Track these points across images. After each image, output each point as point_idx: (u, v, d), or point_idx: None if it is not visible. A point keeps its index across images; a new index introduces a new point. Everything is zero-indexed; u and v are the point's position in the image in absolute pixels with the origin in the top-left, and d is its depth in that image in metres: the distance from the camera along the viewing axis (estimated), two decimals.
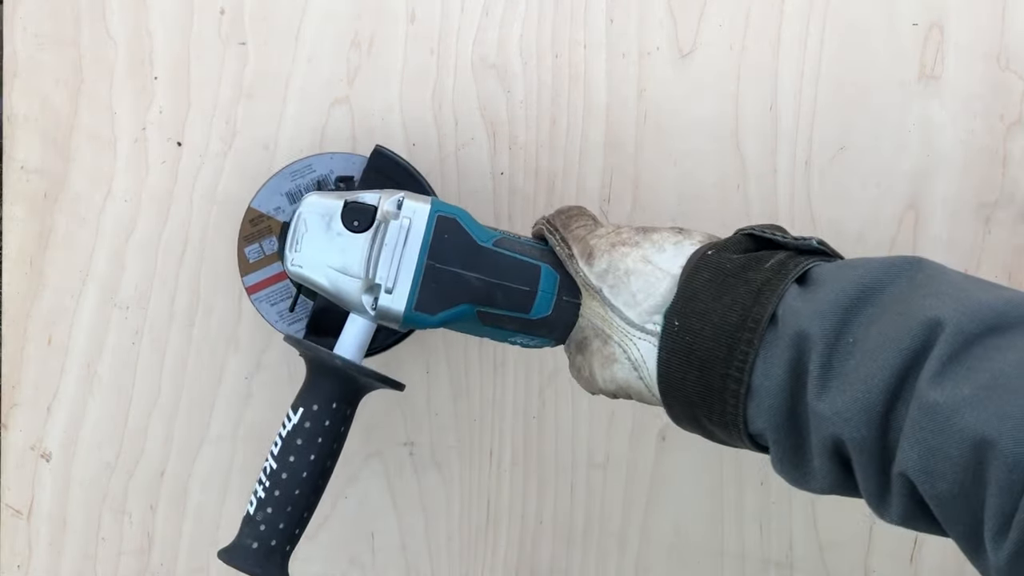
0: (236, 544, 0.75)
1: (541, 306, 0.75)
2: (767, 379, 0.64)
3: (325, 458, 0.75)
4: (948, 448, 0.58)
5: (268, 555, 0.74)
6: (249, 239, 0.86)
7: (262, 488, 0.75)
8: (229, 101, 0.89)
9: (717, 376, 0.66)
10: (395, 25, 0.88)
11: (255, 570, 0.74)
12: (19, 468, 0.91)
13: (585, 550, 0.91)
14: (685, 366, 0.67)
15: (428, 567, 0.92)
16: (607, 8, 0.88)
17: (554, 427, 0.91)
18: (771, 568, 0.91)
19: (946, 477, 0.58)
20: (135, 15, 0.88)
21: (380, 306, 0.74)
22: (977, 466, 0.57)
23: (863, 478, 0.62)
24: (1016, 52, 0.87)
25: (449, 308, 0.74)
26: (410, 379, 0.90)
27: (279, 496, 0.74)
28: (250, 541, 0.74)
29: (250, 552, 0.74)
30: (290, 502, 0.74)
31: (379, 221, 0.74)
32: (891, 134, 0.88)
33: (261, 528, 0.74)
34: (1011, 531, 0.56)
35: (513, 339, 0.77)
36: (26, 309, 0.90)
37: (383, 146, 0.85)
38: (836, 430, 0.61)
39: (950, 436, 0.58)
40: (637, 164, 0.88)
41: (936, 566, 0.90)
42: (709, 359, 0.66)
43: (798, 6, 0.87)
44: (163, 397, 0.91)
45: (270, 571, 0.74)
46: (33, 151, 0.89)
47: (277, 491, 0.74)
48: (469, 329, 0.77)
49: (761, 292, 0.65)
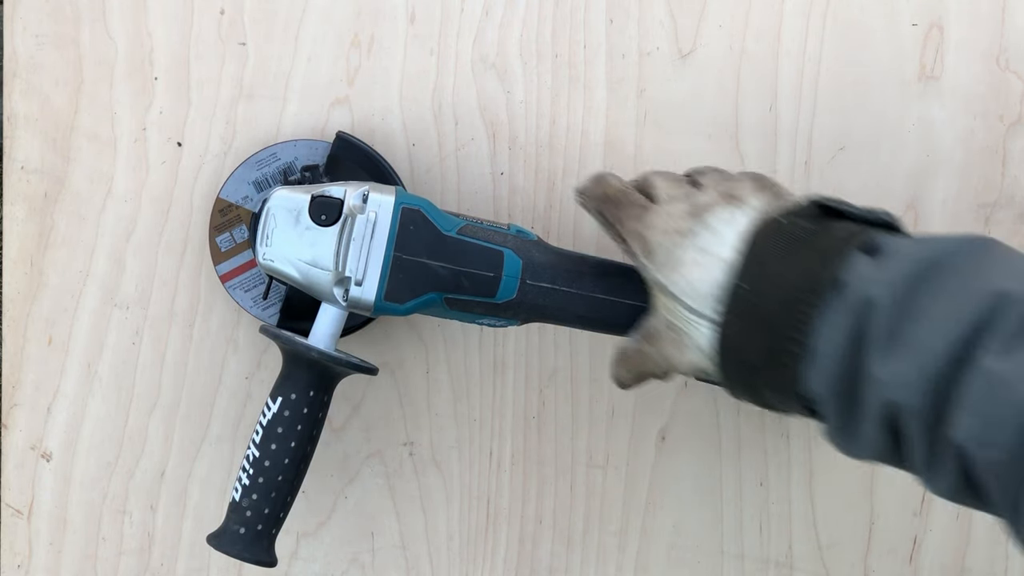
0: (224, 529, 0.79)
1: (506, 290, 0.78)
2: (827, 343, 0.65)
3: (305, 444, 0.79)
4: (1008, 417, 0.58)
5: (255, 539, 0.78)
6: (220, 229, 0.87)
7: (246, 475, 0.78)
8: (229, 101, 0.89)
9: (779, 337, 0.66)
10: (395, 25, 0.88)
11: (244, 554, 0.78)
12: (19, 468, 0.91)
13: (585, 550, 0.91)
14: (748, 328, 0.68)
15: (428, 567, 0.92)
16: (607, 8, 0.88)
17: (554, 427, 0.91)
18: (771, 568, 0.91)
19: (1001, 446, 0.58)
20: (135, 15, 0.88)
21: (351, 297, 0.77)
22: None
23: (916, 447, 0.63)
24: (1016, 52, 0.87)
25: (417, 297, 0.78)
26: (410, 379, 0.90)
27: (263, 483, 0.78)
28: (237, 527, 0.78)
29: (238, 537, 0.78)
30: (273, 488, 0.78)
31: (346, 215, 0.77)
32: (891, 134, 0.88)
33: (247, 514, 0.78)
34: None
35: (480, 321, 0.80)
36: (26, 309, 0.90)
37: (345, 132, 0.86)
38: (893, 395, 0.62)
39: (1012, 406, 0.58)
40: (637, 164, 0.88)
41: (936, 566, 0.90)
42: (773, 320, 0.67)
43: (798, 6, 0.87)
44: (163, 397, 0.91)
45: (258, 555, 0.78)
46: (33, 151, 0.89)
47: (260, 478, 0.78)
48: (437, 313, 0.80)
49: (828, 258, 0.66)
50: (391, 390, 0.90)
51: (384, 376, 0.90)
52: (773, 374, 0.68)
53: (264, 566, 0.79)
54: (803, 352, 0.66)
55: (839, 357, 0.64)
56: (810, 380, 0.66)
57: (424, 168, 0.88)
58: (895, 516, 0.90)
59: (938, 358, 0.61)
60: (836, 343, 0.65)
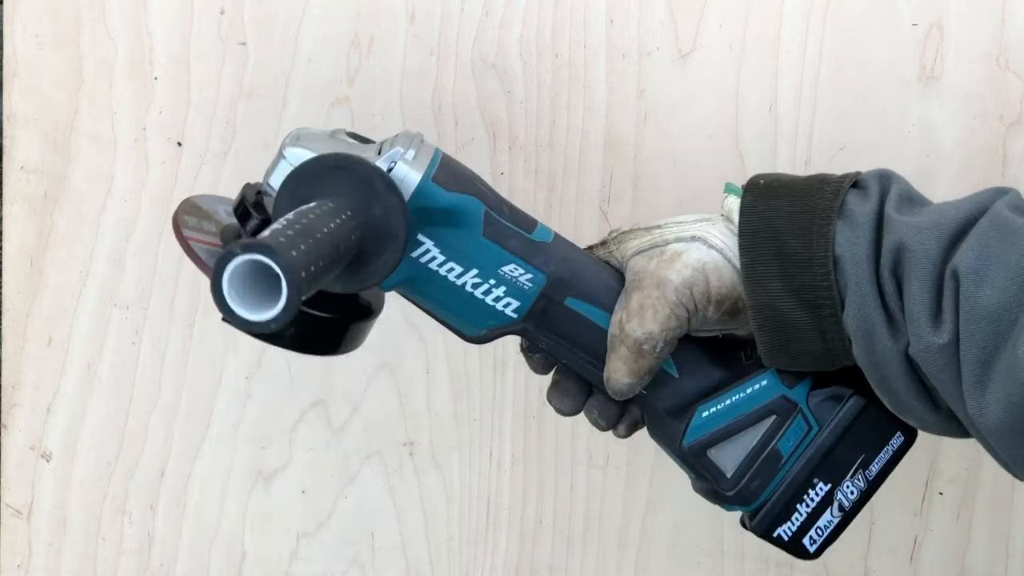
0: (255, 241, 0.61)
1: (544, 233, 0.73)
2: (860, 205, 0.69)
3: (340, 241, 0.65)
4: (1007, 254, 0.63)
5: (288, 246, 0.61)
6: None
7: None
8: (229, 101, 0.89)
9: (811, 199, 0.70)
10: (395, 25, 0.88)
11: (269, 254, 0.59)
12: (19, 468, 0.91)
13: (585, 550, 0.91)
14: (775, 197, 0.71)
15: (428, 567, 0.92)
16: (607, 8, 0.88)
17: (554, 427, 0.91)
18: (771, 568, 0.91)
19: (994, 283, 0.63)
20: (135, 15, 0.88)
21: (397, 169, 0.69)
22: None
23: (919, 290, 0.66)
24: (1016, 52, 0.87)
25: (462, 193, 0.71)
26: (410, 379, 0.90)
27: (302, 228, 0.62)
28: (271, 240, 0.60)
29: (271, 244, 0.60)
30: (312, 237, 0.63)
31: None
32: (891, 134, 0.88)
33: (282, 240, 0.61)
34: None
35: (504, 269, 0.72)
36: (26, 309, 0.90)
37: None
38: (905, 237, 0.67)
39: (1013, 245, 0.63)
40: (637, 164, 0.88)
41: (936, 566, 0.90)
42: (802, 189, 0.71)
43: (798, 6, 0.87)
44: (163, 397, 0.91)
45: (286, 260, 0.59)
46: (33, 151, 0.89)
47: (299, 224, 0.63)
48: (462, 246, 0.72)
49: (833, 174, 0.72)
50: (391, 390, 0.90)
51: (384, 376, 0.90)
52: (804, 232, 0.69)
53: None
54: (838, 205, 0.69)
55: (871, 217, 0.69)
56: (841, 238, 0.69)
57: None
58: (895, 516, 0.90)
59: (950, 217, 0.67)
60: (870, 206, 0.69)
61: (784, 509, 0.75)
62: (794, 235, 0.70)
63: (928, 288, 0.66)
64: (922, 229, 0.66)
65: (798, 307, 0.70)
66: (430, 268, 0.71)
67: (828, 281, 0.69)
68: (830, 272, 0.69)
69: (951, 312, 0.65)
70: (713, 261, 0.71)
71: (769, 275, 0.70)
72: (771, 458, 0.74)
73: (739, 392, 0.74)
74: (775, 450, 0.74)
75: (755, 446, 0.74)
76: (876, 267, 0.68)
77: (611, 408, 0.76)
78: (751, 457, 0.74)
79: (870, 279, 0.68)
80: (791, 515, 0.75)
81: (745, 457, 0.74)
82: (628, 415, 0.77)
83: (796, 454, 0.74)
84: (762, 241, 0.70)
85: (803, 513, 0.75)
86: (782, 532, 0.75)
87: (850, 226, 0.69)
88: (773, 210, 0.71)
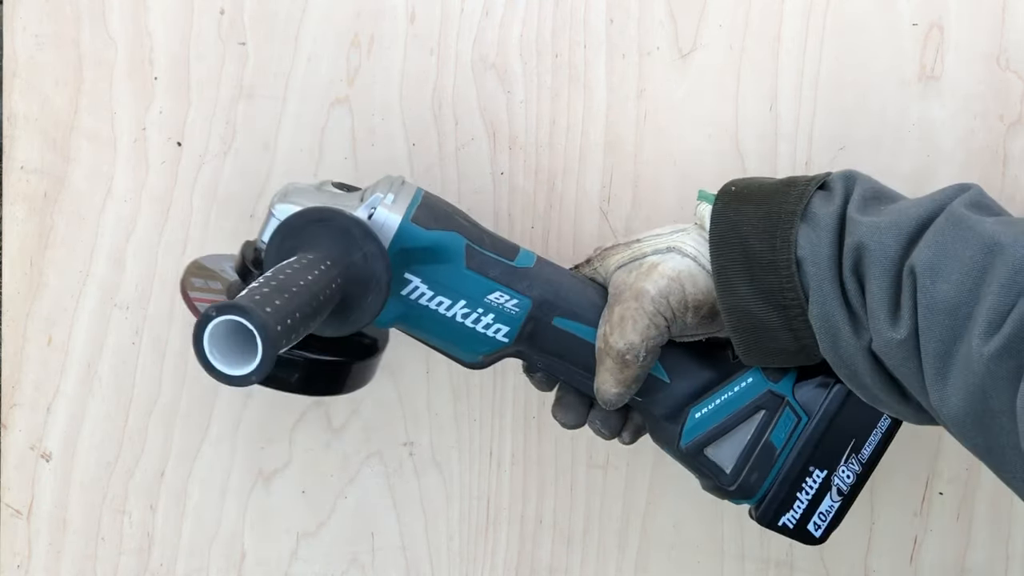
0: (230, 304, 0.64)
1: (526, 258, 0.77)
2: (823, 207, 0.72)
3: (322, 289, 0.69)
4: (962, 250, 0.66)
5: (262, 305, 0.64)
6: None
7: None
8: (229, 101, 0.89)
9: (776, 204, 0.73)
10: (395, 25, 0.88)
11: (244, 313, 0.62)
12: (19, 468, 0.91)
13: (585, 550, 0.91)
14: (743, 204, 0.74)
15: (428, 567, 0.92)
16: (607, 8, 0.88)
17: (554, 427, 0.90)
18: (771, 568, 0.91)
19: (949, 278, 0.65)
20: (135, 15, 0.88)
21: (377, 213, 0.74)
22: (982, 269, 0.64)
23: (878, 287, 0.68)
24: (1016, 52, 0.87)
25: (443, 230, 0.75)
26: (410, 379, 0.90)
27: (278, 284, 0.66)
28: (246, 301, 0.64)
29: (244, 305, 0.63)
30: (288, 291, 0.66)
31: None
32: (891, 134, 0.88)
33: (257, 298, 0.64)
34: (1004, 326, 0.62)
35: (490, 297, 0.76)
36: (26, 309, 0.90)
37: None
38: (865, 236, 0.69)
39: (967, 240, 0.66)
40: (637, 164, 0.88)
41: (936, 566, 0.90)
42: (769, 195, 0.74)
43: (798, 6, 0.87)
44: (163, 397, 0.91)
45: (258, 319, 0.62)
46: (33, 151, 0.89)
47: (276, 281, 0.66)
48: (447, 280, 0.75)
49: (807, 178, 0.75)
50: (391, 390, 0.90)
51: (384, 376, 0.90)
52: (768, 238, 0.72)
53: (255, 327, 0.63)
54: (802, 210, 0.72)
55: (834, 218, 0.71)
56: (804, 241, 0.71)
57: (424, 168, 0.88)
58: (895, 516, 0.90)
59: (910, 217, 0.69)
60: (834, 207, 0.71)
61: (785, 498, 0.78)
62: (759, 239, 0.72)
63: (887, 286, 0.68)
64: (882, 229, 0.69)
65: (768, 308, 0.73)
66: (420, 304, 0.75)
67: (792, 283, 0.71)
68: (793, 274, 0.71)
69: (909, 308, 0.67)
70: (688, 269, 0.75)
71: (738, 279, 0.73)
72: (766, 451, 0.77)
73: (727, 391, 0.77)
74: (769, 443, 0.77)
75: (749, 441, 0.77)
76: (838, 267, 0.70)
77: (612, 418, 0.80)
78: (747, 452, 0.78)
79: (831, 279, 0.70)
80: (792, 503, 0.78)
81: (741, 452, 0.78)
82: (630, 423, 0.80)
83: (789, 445, 0.77)
84: (731, 246, 0.73)
85: (804, 501, 0.78)
86: (786, 521, 0.78)
87: (813, 228, 0.71)
88: (741, 215, 0.73)
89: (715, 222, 0.74)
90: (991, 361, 0.62)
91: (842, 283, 0.70)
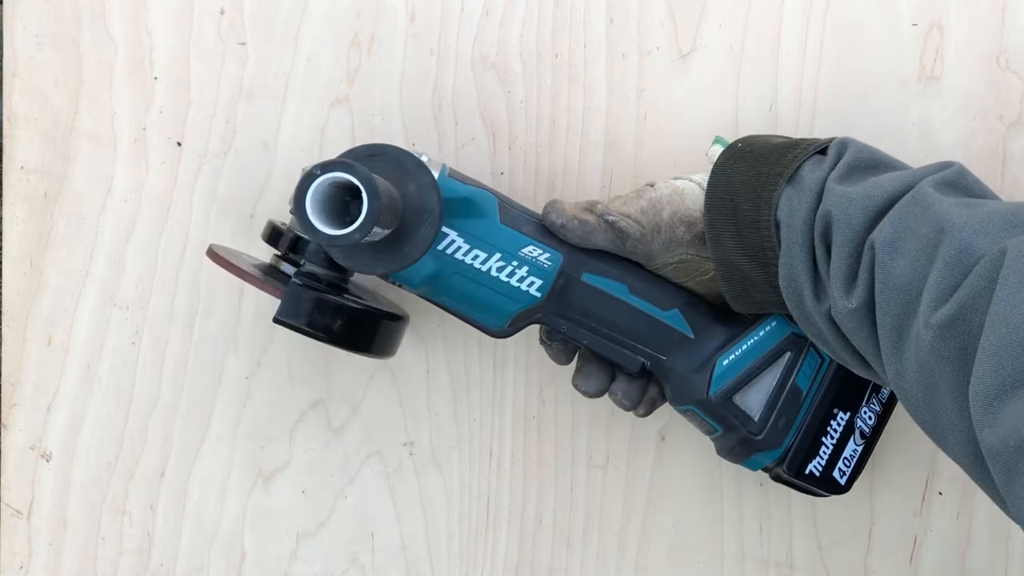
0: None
1: None
2: (811, 173, 0.73)
3: None
4: (919, 227, 0.67)
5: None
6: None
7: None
8: (229, 101, 0.89)
9: (767, 167, 0.75)
10: (395, 25, 0.88)
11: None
12: (19, 468, 0.91)
13: (585, 550, 0.91)
14: (738, 163, 0.76)
15: (428, 567, 0.92)
16: (607, 8, 0.88)
17: (554, 427, 0.91)
18: (771, 568, 0.91)
19: (906, 254, 0.67)
20: (135, 15, 0.88)
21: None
22: (934, 247, 0.65)
23: (838, 257, 0.70)
24: (1016, 52, 0.87)
25: (478, 187, 0.78)
26: (410, 379, 0.90)
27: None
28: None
29: (348, 162, 0.70)
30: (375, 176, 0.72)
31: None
32: (891, 134, 0.88)
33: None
34: (945, 306, 0.63)
35: (524, 250, 0.78)
36: (26, 309, 0.90)
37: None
38: (834, 205, 0.70)
39: (925, 218, 0.67)
40: (637, 164, 0.88)
41: (936, 566, 0.90)
42: (763, 157, 0.76)
43: (798, 6, 0.87)
44: (163, 397, 0.91)
45: (363, 172, 0.69)
46: (33, 151, 0.89)
47: None
48: (483, 234, 0.77)
49: (807, 140, 0.77)
50: (391, 390, 0.90)
51: (384, 376, 0.90)
52: (754, 195, 0.74)
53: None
54: (790, 173, 0.74)
55: (818, 186, 0.73)
56: (786, 204, 0.73)
57: None
58: (895, 516, 0.90)
59: (881, 191, 0.70)
60: (820, 174, 0.73)
61: (812, 443, 0.80)
62: (747, 199, 0.75)
63: (847, 255, 0.70)
64: (852, 200, 0.70)
65: (751, 263, 0.75)
66: (456, 258, 0.77)
67: (771, 242, 0.74)
68: (772, 234, 0.74)
69: (865, 280, 0.68)
70: (692, 189, 0.78)
71: (726, 233, 0.76)
72: (792, 394, 0.79)
73: (752, 337, 0.80)
74: (795, 386, 0.79)
75: (776, 384, 0.80)
76: (811, 232, 0.72)
77: (633, 388, 0.82)
78: (774, 395, 0.80)
79: (801, 244, 0.72)
80: (819, 449, 0.80)
81: (769, 396, 0.80)
82: (648, 395, 0.83)
83: (814, 387, 0.80)
84: (722, 201, 0.76)
85: (829, 446, 0.80)
86: (813, 468, 0.81)
87: (797, 192, 0.73)
88: (735, 173, 0.76)
89: (712, 177, 0.77)
90: (935, 339, 0.63)
91: (812, 249, 0.72)
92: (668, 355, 0.80)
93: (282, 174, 0.89)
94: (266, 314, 0.89)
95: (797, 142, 0.77)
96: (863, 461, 0.82)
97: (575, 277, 0.79)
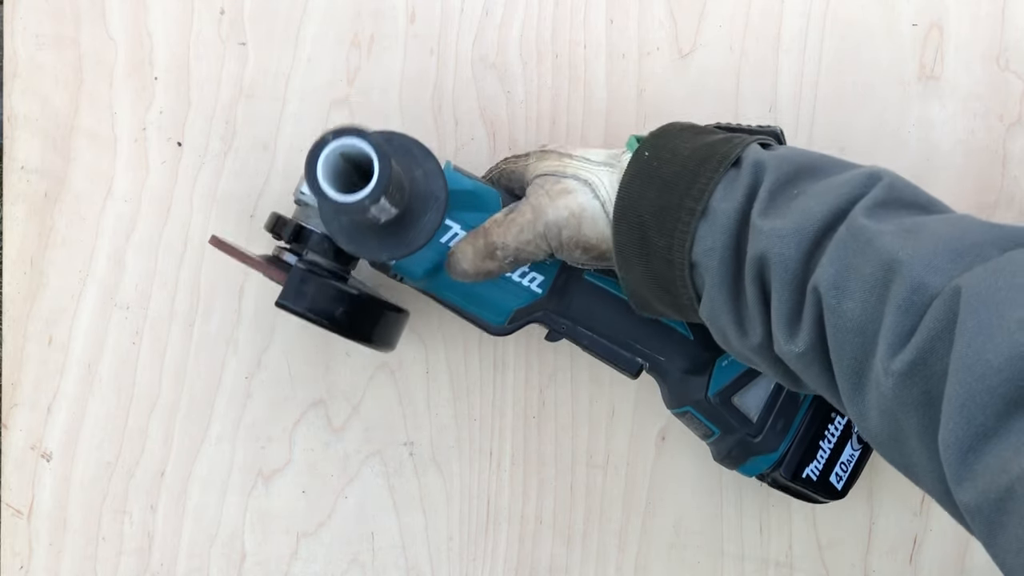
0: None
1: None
2: (724, 202, 0.69)
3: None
4: (863, 266, 0.63)
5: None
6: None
7: None
8: (229, 101, 0.89)
9: (677, 195, 0.71)
10: (395, 25, 0.88)
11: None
12: (19, 468, 0.91)
13: (585, 550, 0.91)
14: (647, 186, 0.72)
15: (428, 567, 0.92)
16: (607, 8, 0.88)
17: (554, 427, 0.91)
18: (771, 568, 0.91)
19: (854, 296, 0.63)
20: (135, 15, 0.88)
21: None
22: (883, 287, 0.62)
23: (778, 300, 0.67)
24: (1016, 52, 0.87)
25: (481, 182, 0.78)
26: (410, 379, 0.90)
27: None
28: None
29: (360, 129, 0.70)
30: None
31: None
32: (891, 134, 0.88)
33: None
34: (904, 351, 0.60)
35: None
36: (26, 309, 0.90)
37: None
38: (767, 247, 0.67)
39: (867, 256, 0.63)
40: None
41: (936, 566, 0.90)
42: (672, 181, 0.71)
43: (798, 6, 0.87)
44: (163, 397, 0.91)
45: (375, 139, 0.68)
46: (33, 151, 0.89)
47: None
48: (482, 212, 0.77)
49: (731, 140, 0.72)
50: (391, 390, 0.90)
51: (384, 376, 0.90)
52: (666, 228, 0.71)
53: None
54: (701, 208, 0.70)
55: (733, 216, 0.69)
56: (703, 237, 0.70)
57: None
58: (895, 516, 0.90)
59: (811, 220, 0.66)
60: (733, 202, 0.69)
61: (810, 447, 0.80)
62: (658, 232, 0.72)
63: (788, 299, 0.67)
64: (783, 237, 0.66)
65: (662, 292, 0.73)
66: None
67: (685, 282, 0.71)
68: (686, 275, 0.71)
69: (810, 322, 0.66)
70: (591, 211, 0.74)
71: (634, 260, 0.73)
72: (790, 396, 0.79)
73: None
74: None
75: (774, 386, 0.79)
76: (731, 272, 0.69)
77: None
78: (772, 397, 0.80)
79: (721, 285, 0.70)
80: (816, 452, 0.80)
81: (767, 399, 0.80)
82: None
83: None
84: (631, 226, 0.73)
85: (826, 449, 0.80)
86: (810, 472, 0.80)
87: (711, 227, 0.70)
88: (644, 197, 0.72)
89: (620, 195, 0.73)
90: (896, 386, 0.61)
91: (736, 289, 0.69)
92: (667, 356, 0.80)
93: (282, 174, 0.89)
94: (267, 314, 0.89)
95: (709, 152, 0.72)
96: (860, 466, 0.81)
97: (577, 274, 0.79)
